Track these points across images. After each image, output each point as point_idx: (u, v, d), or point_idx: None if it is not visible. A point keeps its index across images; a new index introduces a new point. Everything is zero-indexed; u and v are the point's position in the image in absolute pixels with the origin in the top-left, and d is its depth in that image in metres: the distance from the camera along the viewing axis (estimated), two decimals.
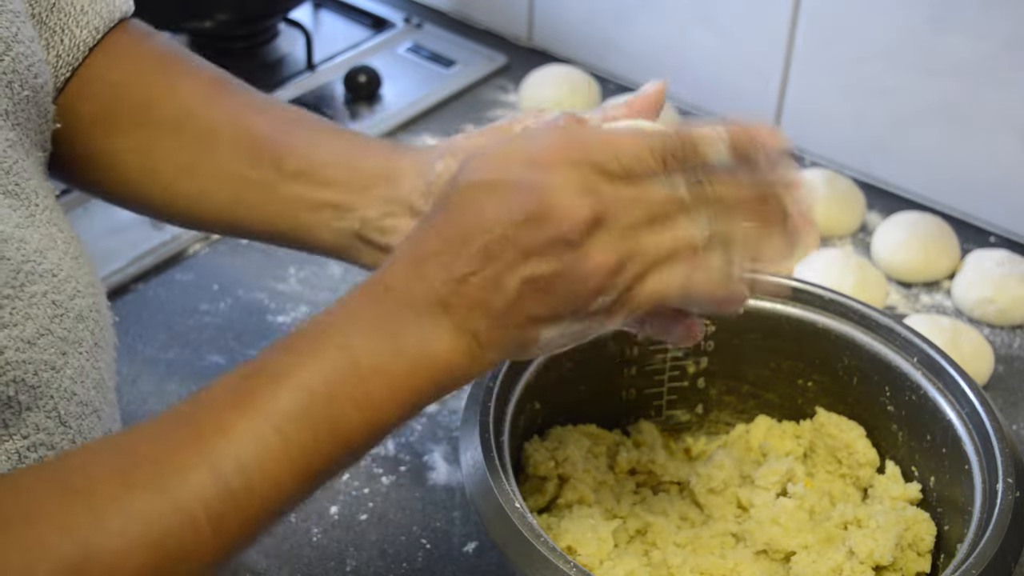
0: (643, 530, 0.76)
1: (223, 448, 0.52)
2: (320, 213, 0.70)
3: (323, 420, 0.54)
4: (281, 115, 0.74)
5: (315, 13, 1.43)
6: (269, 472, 0.52)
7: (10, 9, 0.62)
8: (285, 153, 0.71)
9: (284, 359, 0.56)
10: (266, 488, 0.52)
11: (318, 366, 0.55)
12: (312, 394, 0.54)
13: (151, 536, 0.49)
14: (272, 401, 0.53)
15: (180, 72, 0.74)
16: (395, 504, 0.86)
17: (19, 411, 0.56)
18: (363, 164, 0.70)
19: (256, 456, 0.52)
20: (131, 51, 0.73)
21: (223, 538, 0.51)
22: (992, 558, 0.63)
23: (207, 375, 0.96)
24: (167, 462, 0.51)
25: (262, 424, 0.53)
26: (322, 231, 0.71)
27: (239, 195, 0.71)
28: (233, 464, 0.51)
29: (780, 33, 1.16)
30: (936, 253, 1.06)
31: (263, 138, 0.71)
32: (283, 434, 0.53)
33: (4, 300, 0.55)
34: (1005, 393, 0.96)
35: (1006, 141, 1.07)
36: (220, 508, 0.51)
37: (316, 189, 0.70)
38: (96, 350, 0.62)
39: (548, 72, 1.27)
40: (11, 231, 0.57)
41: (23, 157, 0.62)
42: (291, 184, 0.70)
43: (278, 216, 0.71)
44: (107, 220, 1.09)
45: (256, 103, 0.74)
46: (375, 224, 0.70)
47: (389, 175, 0.70)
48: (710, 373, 0.83)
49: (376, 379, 0.56)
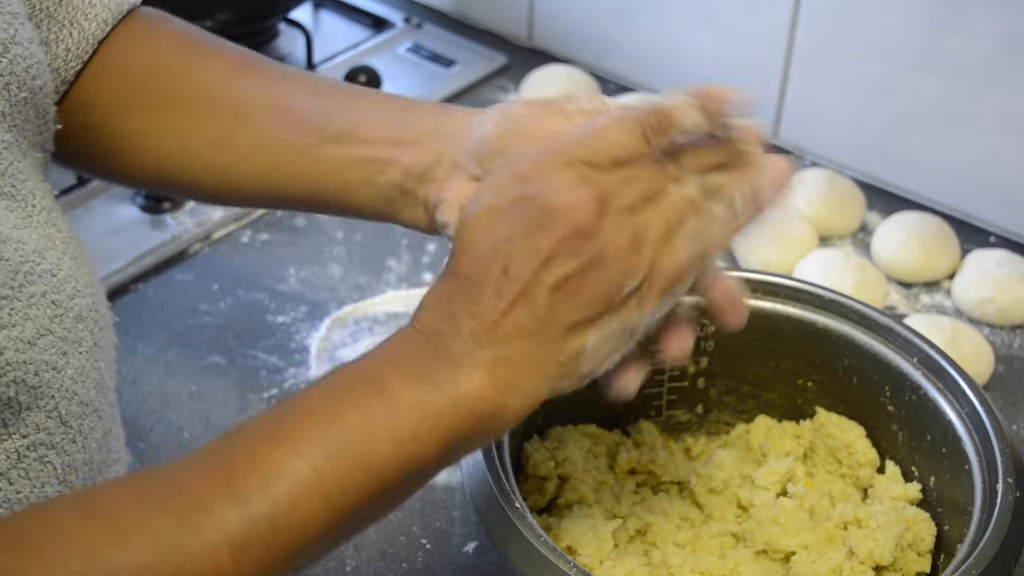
0: (643, 530, 0.76)
1: (252, 480, 0.51)
2: (363, 169, 0.69)
3: (357, 455, 0.53)
4: (314, 83, 0.73)
5: (315, 13, 1.43)
6: (299, 505, 0.51)
7: (8, 11, 0.62)
8: (324, 117, 0.70)
9: (319, 396, 0.55)
10: (294, 524, 0.51)
11: (353, 402, 0.54)
12: (346, 429, 0.53)
13: (171, 560, 0.49)
14: (305, 435, 0.53)
15: (203, 52, 0.73)
16: None
17: (19, 411, 0.56)
18: (405, 120, 0.69)
19: (286, 489, 0.51)
20: (149, 36, 0.73)
21: (244, 569, 0.50)
22: (992, 558, 0.63)
23: (207, 375, 0.96)
24: (192, 491, 0.51)
25: (294, 457, 0.52)
26: (364, 187, 0.69)
27: (276, 162, 0.70)
28: (260, 495, 0.51)
29: (780, 33, 1.16)
30: (936, 253, 1.06)
31: (299, 105, 0.70)
32: (316, 468, 0.52)
33: (3, 301, 0.55)
34: (1005, 393, 0.96)
35: (1006, 141, 1.07)
36: (243, 540, 0.50)
37: (358, 146, 0.69)
38: (96, 350, 0.62)
39: (548, 72, 1.27)
40: (8, 232, 0.57)
41: (20, 159, 0.62)
42: (333, 145, 0.69)
43: (319, 178, 0.70)
44: (107, 220, 1.09)
45: (287, 75, 0.73)
46: (416, 174, 0.68)
47: (434, 131, 0.69)
48: (710, 373, 0.83)
49: (412, 416, 0.54)
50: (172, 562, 0.49)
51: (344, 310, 1.03)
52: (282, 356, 0.98)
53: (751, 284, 0.80)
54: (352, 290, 1.05)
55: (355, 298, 1.04)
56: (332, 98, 0.71)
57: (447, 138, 0.68)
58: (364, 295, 1.04)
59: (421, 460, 0.55)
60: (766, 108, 1.21)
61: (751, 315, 0.79)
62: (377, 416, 0.54)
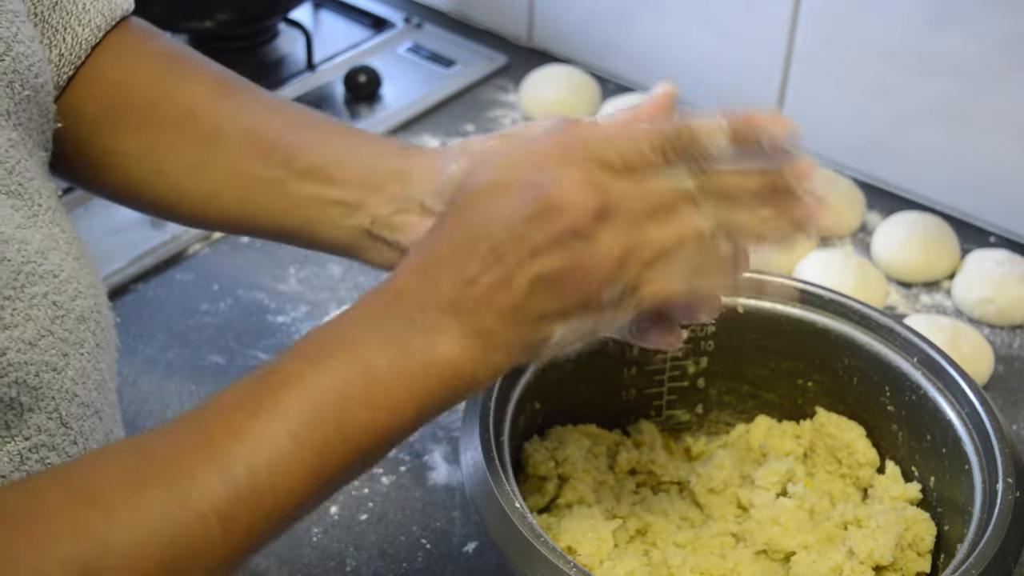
0: (643, 530, 0.76)
1: (233, 450, 0.52)
2: (330, 210, 0.70)
3: (335, 422, 0.54)
4: (289, 113, 0.73)
5: (315, 13, 1.43)
6: (280, 474, 0.52)
7: (10, 9, 0.62)
8: (294, 151, 0.70)
9: (295, 364, 0.56)
10: (277, 490, 0.52)
11: (329, 369, 0.55)
12: (323, 397, 0.54)
13: (162, 534, 0.49)
14: (283, 404, 0.54)
15: (185, 71, 0.73)
16: (395, 504, 0.86)
17: (21, 412, 0.56)
18: (374, 163, 0.70)
19: (267, 458, 0.52)
20: (134, 50, 0.73)
21: (233, 538, 0.51)
22: (992, 558, 0.63)
23: (207, 375, 0.96)
24: (177, 463, 0.51)
25: (273, 426, 0.53)
26: (332, 229, 0.71)
27: (247, 194, 0.71)
28: (243, 465, 0.52)
29: (780, 33, 1.16)
30: (936, 253, 1.06)
31: (272, 136, 0.71)
32: (294, 436, 0.53)
33: (5, 301, 0.55)
34: (1005, 393, 0.96)
35: (1006, 141, 1.07)
36: (229, 509, 0.51)
37: (326, 187, 0.70)
38: (97, 351, 0.62)
39: (548, 72, 1.27)
40: (12, 232, 0.57)
41: (26, 157, 0.62)
42: (301, 182, 0.70)
43: (287, 214, 0.71)
44: (107, 220, 1.09)
45: (264, 101, 0.74)
46: (385, 221, 0.69)
47: (401, 174, 0.70)
48: (710, 373, 0.83)
49: (387, 381, 0.55)
50: (163, 535, 0.49)
51: (344, 310, 1.02)
52: None
53: (751, 284, 0.80)
54: (352, 290, 1.05)
55: (355, 298, 1.03)
56: (305, 131, 0.72)
57: (412, 182, 0.69)
58: None
59: (395, 425, 0.56)
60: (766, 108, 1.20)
61: (751, 315, 0.80)
62: (353, 384, 0.55)
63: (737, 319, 0.80)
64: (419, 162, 0.70)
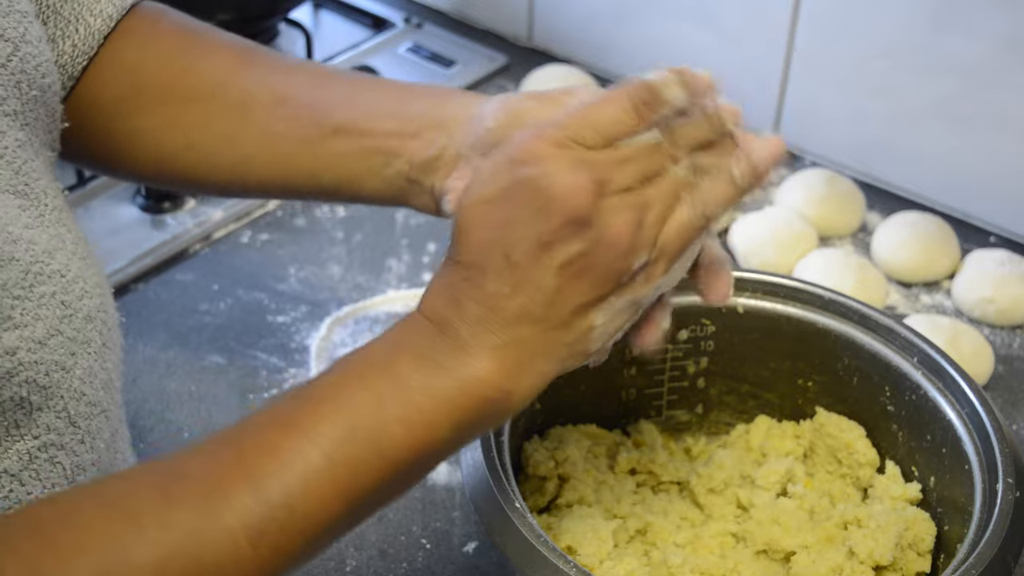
0: (643, 530, 0.76)
1: (265, 467, 0.51)
2: (368, 162, 0.69)
3: (369, 441, 0.54)
4: (315, 73, 0.73)
5: (315, 13, 1.43)
6: (313, 492, 0.52)
7: (17, 9, 0.62)
8: (325, 109, 0.70)
9: (330, 382, 0.56)
10: (310, 508, 0.52)
11: (363, 387, 0.55)
12: (357, 415, 0.54)
13: (189, 549, 0.49)
14: (317, 422, 0.53)
15: (204, 45, 0.73)
16: (395, 504, 0.85)
17: (30, 411, 0.56)
18: (409, 112, 0.69)
19: (299, 476, 0.52)
20: (150, 31, 0.73)
21: (262, 557, 0.51)
22: (992, 558, 0.63)
23: (207, 375, 0.96)
24: (208, 480, 0.51)
25: (306, 444, 0.52)
26: (372, 179, 0.70)
27: (283, 156, 0.71)
28: (275, 483, 0.51)
29: (780, 33, 1.16)
30: (936, 253, 1.06)
31: (301, 98, 0.71)
32: (328, 455, 0.52)
33: (15, 301, 0.55)
34: (1005, 393, 0.96)
35: (1006, 141, 1.07)
36: (260, 526, 0.50)
37: (360, 139, 0.69)
38: (104, 350, 0.62)
39: (548, 72, 1.27)
40: (20, 232, 0.57)
41: (32, 157, 0.62)
42: (334, 138, 0.70)
43: (325, 171, 0.70)
44: (107, 220, 1.09)
45: (288, 64, 0.74)
46: (420, 165, 0.69)
47: (437, 122, 0.69)
48: (710, 373, 0.83)
49: (422, 399, 0.55)
50: (190, 551, 0.49)
51: (344, 310, 1.03)
52: (282, 356, 0.98)
53: (751, 284, 0.80)
54: (352, 290, 1.05)
55: (355, 298, 1.04)
56: (332, 89, 0.71)
57: (446, 129, 0.68)
58: (364, 295, 1.04)
59: (432, 444, 0.55)
60: (766, 108, 1.21)
61: (751, 315, 0.80)
62: (387, 400, 0.54)
63: (737, 319, 0.80)
64: (456, 109, 0.69)
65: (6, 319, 0.54)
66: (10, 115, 0.60)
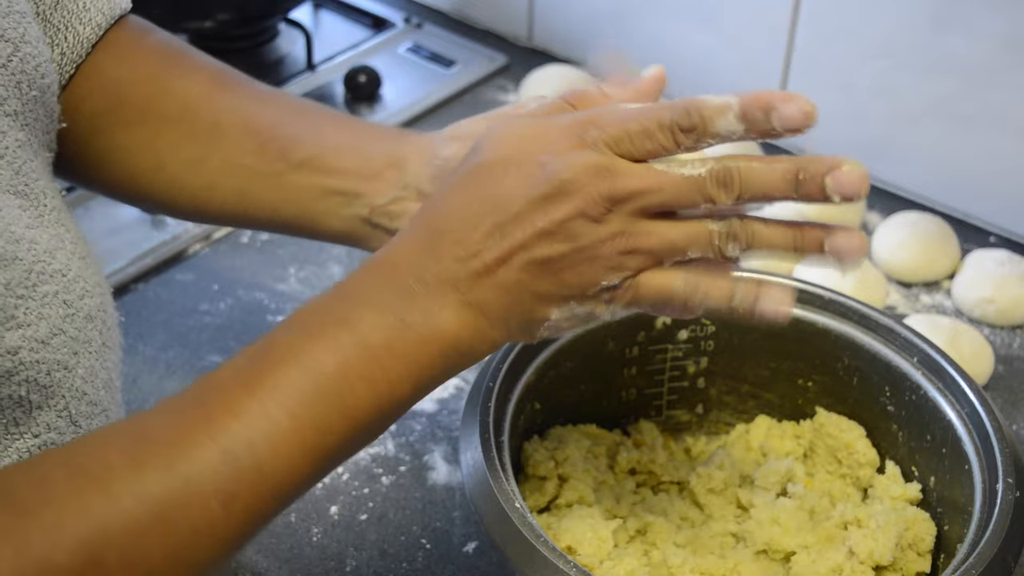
0: (643, 530, 0.76)
1: (233, 428, 0.52)
2: (328, 200, 0.70)
3: (333, 398, 0.54)
4: (285, 105, 0.74)
5: (315, 13, 1.43)
6: (280, 452, 0.52)
7: (17, 10, 0.62)
8: (291, 143, 0.71)
9: (291, 339, 0.56)
10: (277, 468, 0.52)
11: (326, 344, 0.55)
12: (321, 372, 0.54)
13: (164, 516, 0.49)
14: (281, 381, 0.53)
15: (182, 67, 0.74)
16: (395, 504, 0.86)
17: (30, 410, 0.56)
18: (370, 150, 0.70)
19: (266, 436, 0.52)
20: (132, 47, 0.73)
21: (234, 518, 0.51)
22: (992, 558, 0.63)
23: None
24: (177, 444, 0.51)
25: (271, 404, 0.53)
26: (331, 218, 0.71)
27: (246, 187, 0.71)
28: (243, 444, 0.51)
29: (780, 33, 1.16)
30: (936, 253, 1.06)
31: (268, 129, 0.71)
32: (293, 414, 0.53)
33: (19, 301, 0.55)
34: (1005, 393, 0.96)
35: (1006, 141, 1.07)
36: (230, 488, 0.51)
37: (323, 177, 0.70)
38: (104, 350, 0.62)
39: (548, 72, 1.27)
40: (22, 232, 0.57)
41: (32, 157, 0.62)
42: (298, 173, 0.70)
43: (286, 205, 0.71)
44: (107, 220, 1.09)
45: (260, 94, 0.74)
46: (384, 209, 0.70)
47: (396, 161, 0.70)
48: (710, 373, 0.83)
49: (385, 355, 0.55)
50: (165, 520, 0.49)
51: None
52: None
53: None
54: None
55: None
56: (301, 122, 0.72)
57: (408, 169, 0.69)
58: None
59: (394, 399, 0.56)
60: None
61: None
62: (350, 358, 0.55)
63: (737, 319, 0.79)
64: (412, 147, 0.70)
65: (9, 318, 0.54)
66: (10, 115, 0.60)
